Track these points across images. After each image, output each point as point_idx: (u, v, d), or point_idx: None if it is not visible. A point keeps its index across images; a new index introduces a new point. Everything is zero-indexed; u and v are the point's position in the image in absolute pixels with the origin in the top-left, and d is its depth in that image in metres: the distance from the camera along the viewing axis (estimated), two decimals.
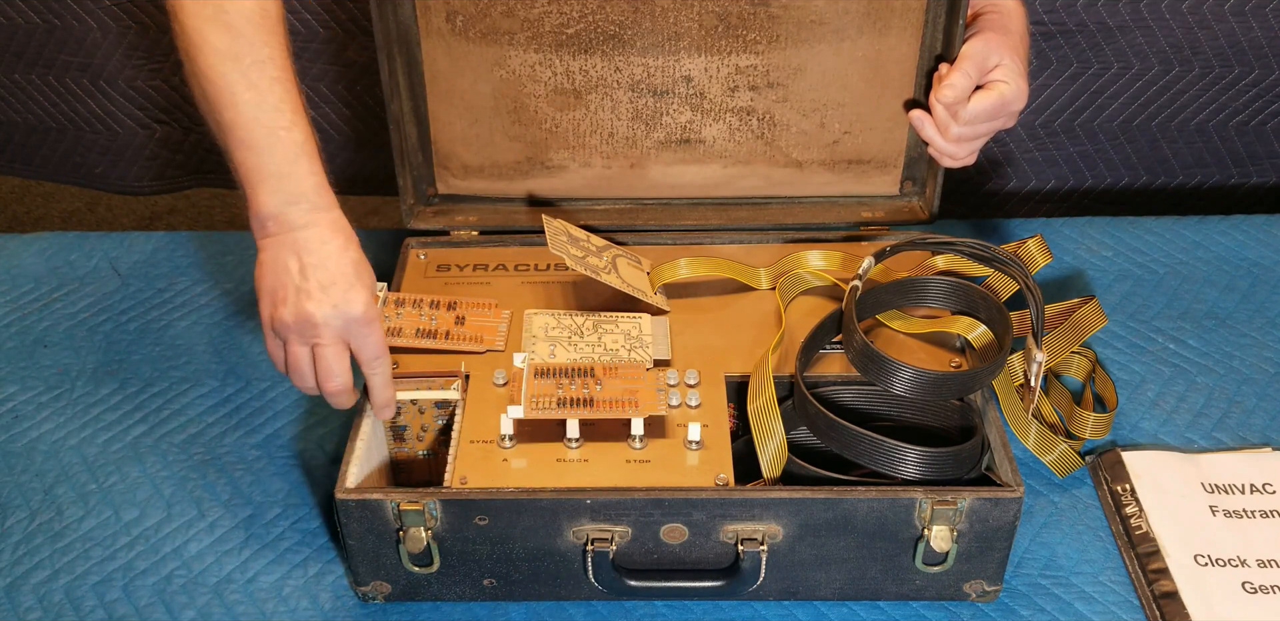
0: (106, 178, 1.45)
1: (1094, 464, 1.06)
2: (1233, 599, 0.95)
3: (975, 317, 1.04)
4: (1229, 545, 0.98)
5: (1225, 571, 0.97)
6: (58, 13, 1.32)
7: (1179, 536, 0.99)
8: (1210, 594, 0.95)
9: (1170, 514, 1.01)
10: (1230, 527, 1.00)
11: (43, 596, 0.98)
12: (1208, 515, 1.01)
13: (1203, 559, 0.98)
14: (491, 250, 1.18)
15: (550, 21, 1.09)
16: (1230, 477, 1.04)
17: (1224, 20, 1.28)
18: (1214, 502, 1.02)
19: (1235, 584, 0.96)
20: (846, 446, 0.93)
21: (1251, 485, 1.03)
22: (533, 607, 0.96)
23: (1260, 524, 1.00)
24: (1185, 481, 1.03)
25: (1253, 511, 1.01)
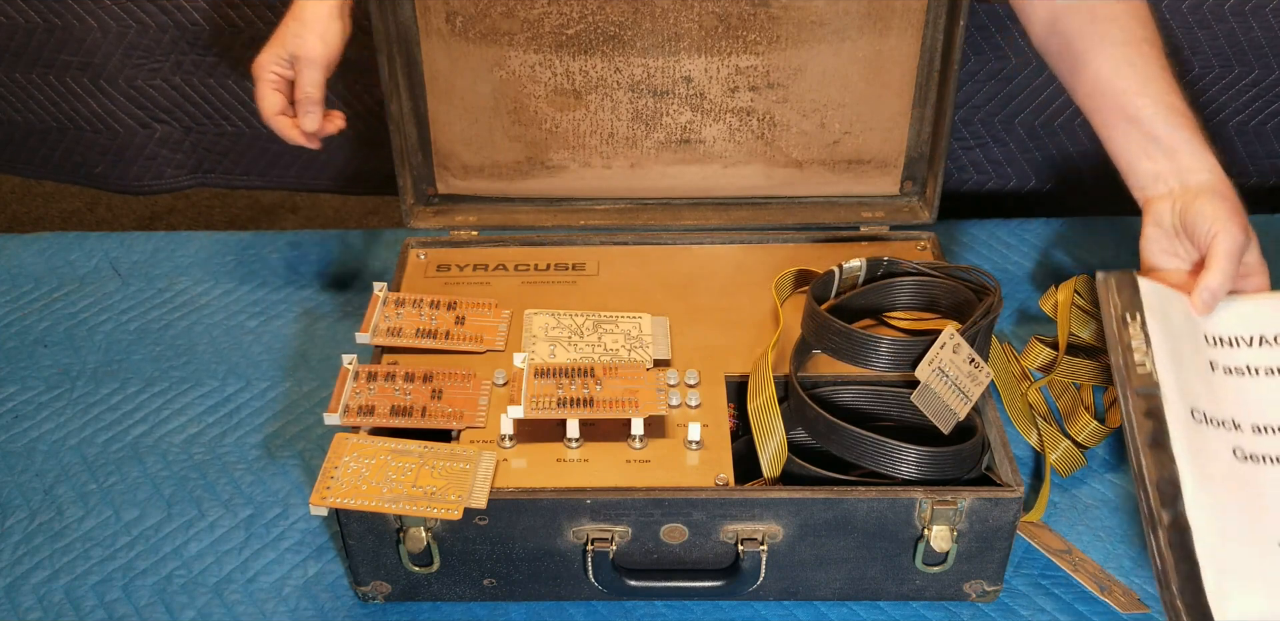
0: (106, 178, 1.45)
1: (1104, 281, 0.95)
2: (1221, 461, 0.88)
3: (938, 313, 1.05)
4: (1223, 405, 0.90)
5: (1219, 433, 0.89)
6: (58, 13, 1.32)
7: (1179, 385, 0.90)
8: (1199, 455, 0.87)
9: (1173, 359, 0.91)
10: (1228, 385, 0.91)
11: (43, 596, 0.98)
12: (1206, 369, 0.92)
13: (1198, 414, 0.89)
14: (491, 250, 1.18)
15: (550, 22, 1.09)
16: (1236, 329, 0.94)
17: (1224, 20, 1.28)
18: (1215, 357, 0.93)
19: (1226, 447, 0.89)
20: (846, 447, 0.93)
21: (1261, 337, 0.93)
22: (533, 607, 0.96)
23: (1264, 382, 0.91)
24: (1190, 327, 0.94)
25: (1256, 368, 0.92)
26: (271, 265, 1.32)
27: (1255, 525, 0.87)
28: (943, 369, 0.94)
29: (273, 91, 1.09)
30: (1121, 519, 1.02)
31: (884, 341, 0.98)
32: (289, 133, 1.09)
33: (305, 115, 1.09)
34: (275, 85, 1.09)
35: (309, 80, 1.08)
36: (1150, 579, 0.97)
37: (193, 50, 1.34)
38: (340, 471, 0.90)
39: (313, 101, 1.08)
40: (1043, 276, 1.28)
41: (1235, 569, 0.85)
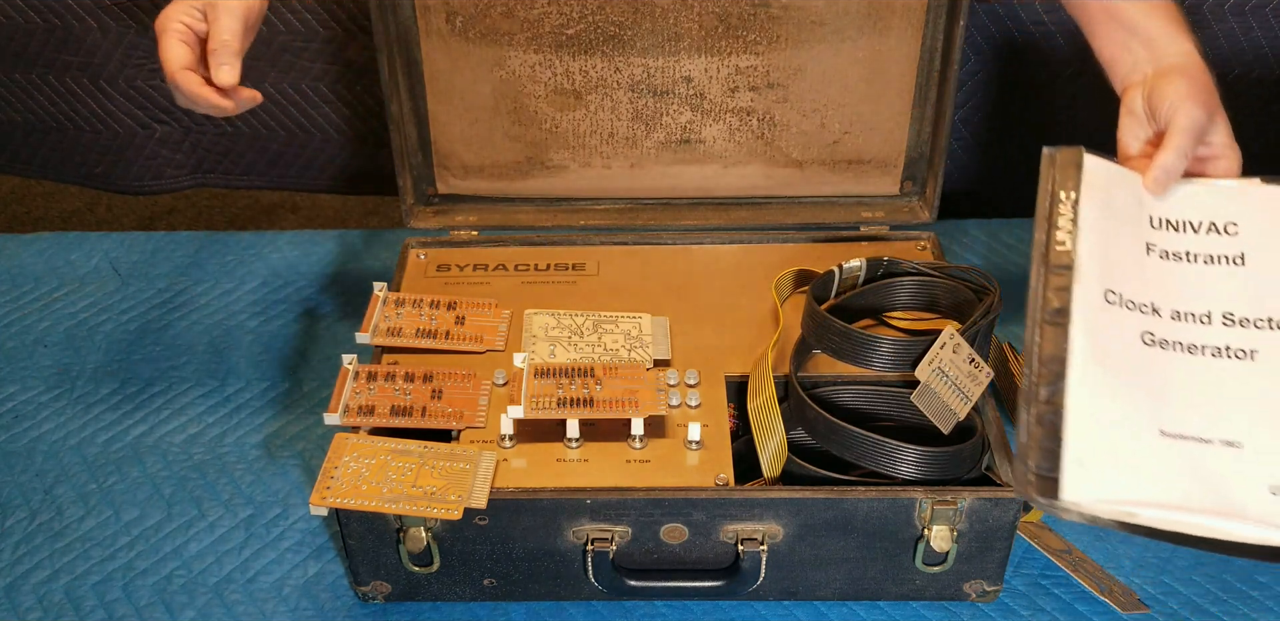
0: (106, 178, 1.45)
1: (1049, 156, 0.91)
2: (1125, 344, 0.86)
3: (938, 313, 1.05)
4: (1149, 289, 0.88)
5: (1131, 316, 0.86)
6: (58, 13, 1.32)
7: (1100, 266, 0.87)
8: (1100, 337, 0.85)
9: (1103, 239, 0.88)
10: (1161, 269, 0.88)
11: (43, 596, 0.98)
12: (1141, 252, 0.89)
13: (1113, 296, 0.87)
14: (491, 250, 1.18)
15: (550, 22, 1.09)
16: (1187, 213, 0.90)
17: (1224, 20, 1.28)
18: (1154, 240, 0.89)
19: (1136, 331, 0.86)
20: (846, 447, 0.93)
21: (1211, 224, 0.90)
22: (533, 607, 0.96)
23: (1199, 270, 0.88)
24: (1135, 208, 0.90)
25: (1196, 255, 0.89)
26: (271, 265, 1.32)
27: (1140, 411, 0.84)
28: (943, 369, 0.94)
29: (178, 43, 0.94)
30: None
31: (884, 341, 0.98)
32: (197, 90, 0.93)
33: (220, 67, 0.93)
34: (182, 36, 0.95)
35: (225, 27, 0.94)
36: (1151, 579, 0.97)
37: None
38: (340, 471, 0.90)
39: (230, 51, 0.94)
40: None
41: (1102, 451, 0.83)
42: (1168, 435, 0.83)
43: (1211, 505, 0.81)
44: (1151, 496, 0.81)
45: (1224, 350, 0.86)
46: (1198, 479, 0.82)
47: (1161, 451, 0.83)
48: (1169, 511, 0.80)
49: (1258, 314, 0.86)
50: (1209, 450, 0.83)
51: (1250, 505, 0.81)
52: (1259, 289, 0.87)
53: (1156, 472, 0.82)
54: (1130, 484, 0.81)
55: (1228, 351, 0.86)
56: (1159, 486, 0.81)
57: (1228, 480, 0.82)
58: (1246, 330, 0.86)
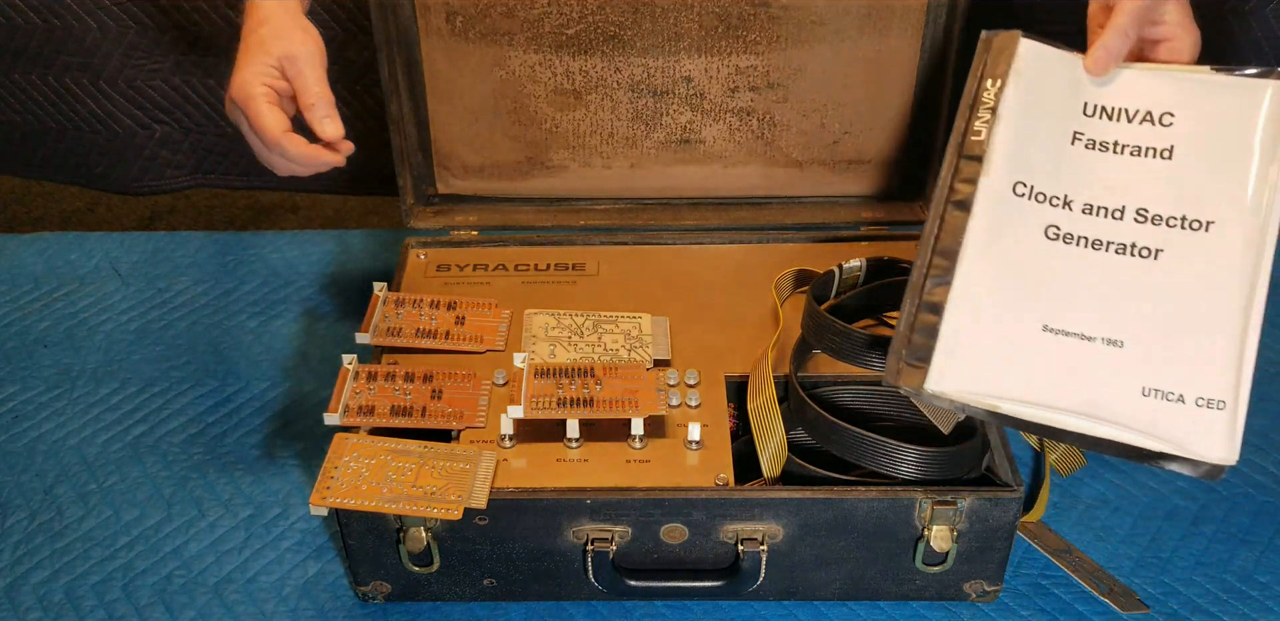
0: (106, 178, 1.45)
1: (984, 40, 0.88)
2: (1024, 238, 0.85)
3: None
4: (1064, 180, 0.86)
5: (1039, 209, 0.85)
6: (58, 13, 1.32)
7: (1014, 157, 0.85)
8: (1001, 230, 0.84)
9: (1024, 128, 0.86)
10: (1083, 160, 0.86)
11: (43, 596, 0.98)
12: (1065, 142, 0.86)
13: (1023, 188, 0.85)
14: (491, 250, 1.18)
15: (550, 22, 1.09)
16: (1125, 99, 0.86)
17: (1224, 20, 1.28)
18: (1084, 129, 0.86)
19: (1040, 225, 0.85)
20: (846, 447, 0.93)
21: (1147, 113, 0.86)
22: (533, 607, 0.96)
23: (1123, 162, 0.85)
24: (1069, 94, 0.87)
25: (1124, 146, 0.86)
26: (271, 265, 1.32)
27: (1024, 305, 0.84)
28: None
29: (271, 107, 0.90)
30: (1121, 519, 1.03)
31: (884, 341, 0.98)
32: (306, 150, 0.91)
33: (323, 121, 0.92)
34: (270, 99, 0.91)
35: (315, 79, 0.92)
36: (1151, 579, 0.97)
37: (193, 50, 1.34)
38: (340, 471, 0.90)
39: (328, 103, 0.92)
40: None
41: (975, 343, 0.84)
42: (1050, 330, 0.84)
43: (1079, 403, 0.82)
44: (1019, 390, 0.82)
45: (1129, 247, 0.84)
46: (1072, 375, 0.83)
47: (1039, 346, 0.83)
48: (1034, 406, 0.82)
49: (1172, 211, 0.84)
50: (1090, 348, 0.83)
51: (1119, 405, 0.82)
52: (1179, 186, 0.84)
53: (1029, 367, 0.83)
54: (999, 376, 0.83)
55: (1133, 249, 0.84)
56: (1028, 380, 0.83)
57: (1102, 379, 0.83)
58: (1158, 228, 0.84)
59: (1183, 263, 0.83)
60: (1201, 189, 0.84)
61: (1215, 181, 0.84)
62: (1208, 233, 0.83)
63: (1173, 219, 0.84)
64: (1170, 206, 0.84)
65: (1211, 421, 0.82)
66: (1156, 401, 0.82)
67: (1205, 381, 0.82)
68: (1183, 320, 0.83)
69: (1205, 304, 0.83)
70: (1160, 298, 0.83)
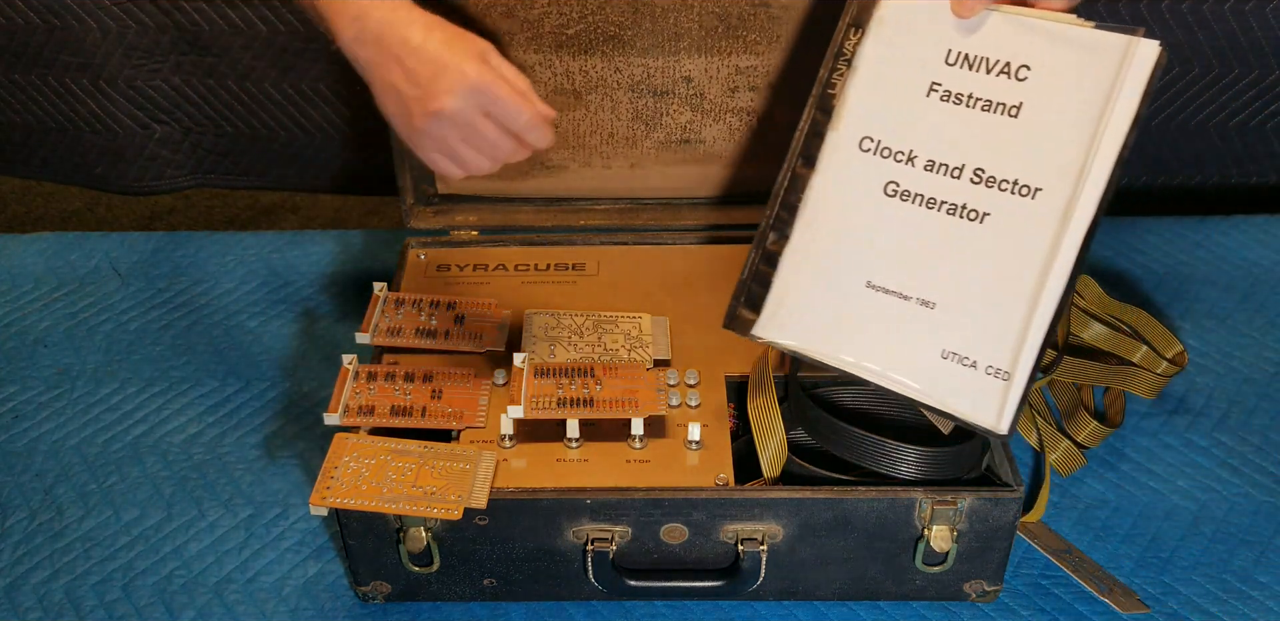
0: (106, 178, 1.45)
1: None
2: (864, 194, 0.86)
3: None
4: (913, 135, 0.85)
5: (882, 164, 0.86)
6: (58, 13, 1.32)
7: (868, 108, 0.86)
8: (843, 185, 0.86)
9: (880, 80, 0.86)
10: (934, 113, 0.85)
11: (43, 596, 0.98)
12: (920, 94, 0.85)
13: (869, 143, 0.86)
14: (491, 250, 1.18)
15: (550, 22, 1.09)
16: (990, 48, 0.84)
17: (1224, 20, 1.28)
18: (943, 79, 0.85)
19: (881, 181, 0.86)
20: (846, 447, 0.93)
21: (1005, 65, 0.83)
22: (533, 607, 0.96)
23: (972, 117, 0.84)
24: (934, 42, 0.85)
25: (976, 99, 0.84)
26: (271, 265, 1.32)
27: (853, 261, 0.87)
28: None
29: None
30: (1121, 519, 1.02)
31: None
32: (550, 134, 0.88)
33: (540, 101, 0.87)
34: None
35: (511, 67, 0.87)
36: (1151, 579, 0.97)
37: (193, 50, 1.34)
38: (340, 471, 0.90)
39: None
40: None
41: (803, 295, 0.88)
42: (873, 287, 0.87)
43: (886, 358, 0.87)
44: (835, 342, 0.88)
45: (959, 209, 0.85)
46: (884, 332, 0.87)
47: (862, 302, 0.87)
48: (847, 358, 0.88)
49: (1005, 174, 0.83)
50: (904, 306, 0.86)
51: (920, 365, 0.86)
52: (1018, 148, 0.83)
53: (848, 321, 0.87)
54: (820, 328, 0.88)
55: (963, 210, 0.85)
56: (845, 334, 0.87)
57: (910, 338, 0.86)
58: (990, 190, 0.84)
59: (1004, 229, 0.84)
60: (1038, 153, 0.83)
61: (1052, 146, 0.82)
62: (1034, 200, 0.83)
63: (1005, 182, 0.84)
64: (1006, 169, 0.83)
65: (994, 390, 0.84)
66: (953, 364, 0.85)
67: (997, 351, 0.84)
68: (991, 287, 0.84)
69: (1011, 272, 0.83)
70: (976, 263, 0.84)
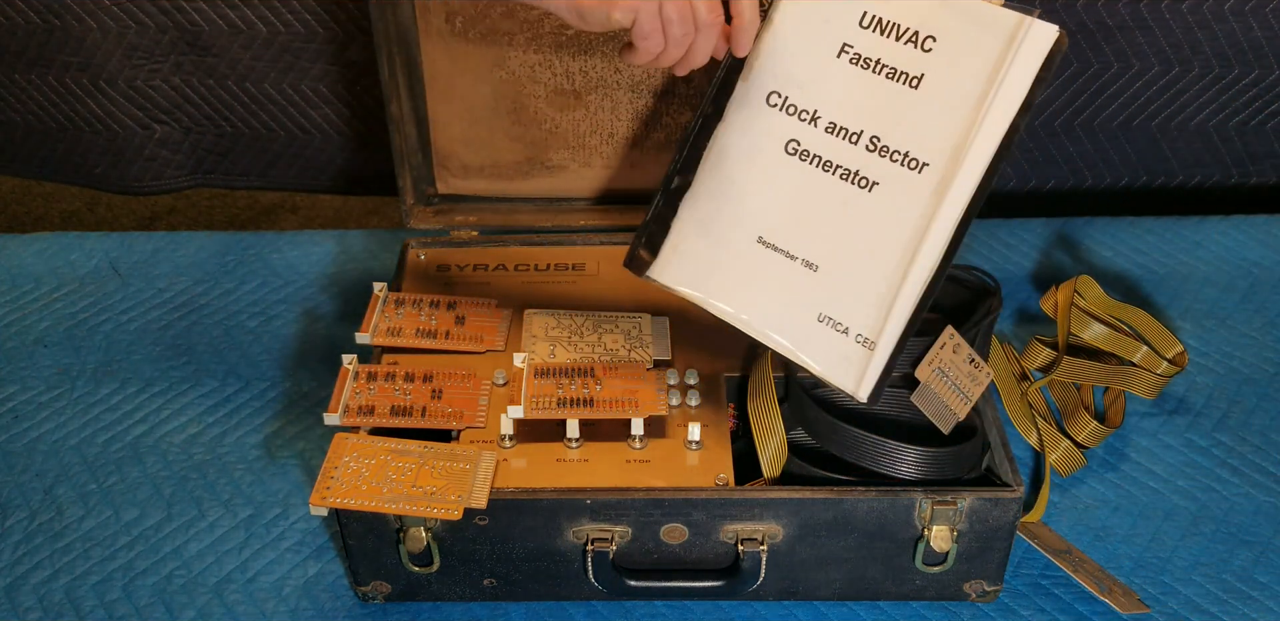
0: (106, 178, 1.45)
1: None
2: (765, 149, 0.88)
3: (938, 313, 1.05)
4: (819, 95, 0.87)
5: (787, 121, 0.87)
6: (58, 13, 1.32)
7: (779, 63, 0.87)
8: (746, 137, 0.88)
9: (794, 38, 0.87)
10: (842, 75, 0.86)
11: (43, 596, 0.98)
12: (831, 54, 0.86)
13: (777, 98, 0.87)
14: (491, 250, 1.18)
15: (550, 22, 1.09)
16: (903, 14, 0.84)
17: (1224, 20, 1.28)
18: (854, 42, 0.86)
19: (783, 137, 0.87)
20: (846, 447, 0.93)
21: (914, 34, 0.84)
22: (533, 607, 0.96)
23: (876, 84, 0.85)
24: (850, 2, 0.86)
25: (883, 66, 0.85)
26: (271, 265, 1.32)
27: (748, 215, 0.89)
28: (943, 369, 0.94)
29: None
30: (1121, 519, 1.02)
31: None
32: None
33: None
34: None
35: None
36: (1151, 579, 0.97)
37: (193, 50, 1.34)
38: (340, 471, 0.90)
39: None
40: (1043, 276, 1.28)
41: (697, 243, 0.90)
42: (763, 243, 0.89)
43: (766, 314, 0.90)
44: (721, 293, 0.91)
45: (852, 175, 0.86)
46: (768, 288, 0.89)
47: (750, 256, 0.89)
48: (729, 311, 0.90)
49: (898, 145, 0.85)
50: (790, 266, 0.89)
51: (796, 325, 0.89)
52: (913, 120, 0.84)
53: (736, 273, 0.90)
54: (708, 277, 0.91)
55: (855, 176, 0.86)
56: (732, 286, 0.90)
57: (791, 298, 0.89)
58: (883, 160, 0.85)
59: (889, 199, 0.85)
60: (930, 128, 0.84)
61: (943, 122, 0.83)
62: (920, 175, 0.84)
63: (897, 153, 0.85)
64: (901, 139, 0.85)
65: (858, 358, 0.87)
66: (826, 328, 0.88)
67: (868, 319, 0.87)
68: (869, 257, 0.86)
69: (888, 245, 0.86)
70: (860, 231, 0.86)
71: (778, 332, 0.89)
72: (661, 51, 0.85)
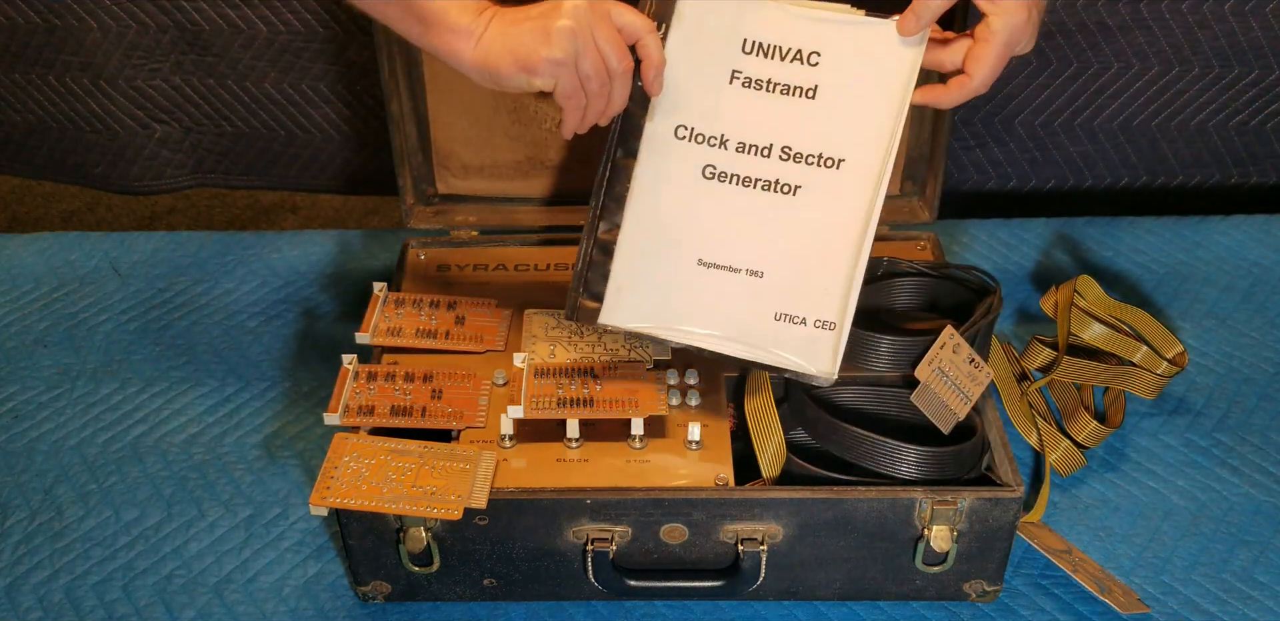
0: (106, 178, 1.45)
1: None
2: (684, 179, 0.92)
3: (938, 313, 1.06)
4: (722, 120, 0.91)
5: (698, 150, 0.92)
6: (58, 13, 1.32)
7: (678, 98, 0.91)
8: (664, 171, 0.92)
9: (687, 71, 0.90)
10: (739, 99, 0.91)
11: (43, 596, 0.98)
12: (724, 81, 0.91)
13: (684, 131, 0.92)
14: (491, 250, 1.18)
15: None
16: (781, 37, 0.90)
17: (1224, 20, 1.28)
18: (742, 67, 0.91)
19: (699, 165, 0.92)
20: (846, 447, 0.93)
21: (798, 52, 0.90)
22: (533, 607, 0.96)
23: (773, 101, 0.91)
24: (731, 31, 0.91)
25: (776, 84, 0.91)
26: (271, 265, 1.32)
27: (684, 241, 0.93)
28: (943, 369, 0.94)
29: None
30: (1121, 519, 1.02)
31: (884, 341, 0.98)
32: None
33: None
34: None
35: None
36: (1150, 579, 0.97)
37: (193, 50, 1.34)
38: (340, 471, 0.90)
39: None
40: (1043, 276, 1.28)
41: (640, 279, 0.93)
42: (704, 264, 0.93)
43: (725, 328, 0.93)
44: (677, 319, 0.93)
45: (774, 184, 0.92)
46: (720, 303, 0.93)
47: (695, 279, 0.93)
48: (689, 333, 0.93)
49: (811, 149, 0.91)
50: (735, 278, 0.93)
51: (756, 328, 0.93)
52: (819, 125, 0.91)
53: (685, 298, 0.93)
54: (660, 309, 0.94)
55: (777, 185, 0.92)
56: (685, 310, 0.93)
57: (744, 306, 0.93)
58: (799, 165, 0.91)
59: (816, 198, 0.92)
60: (837, 128, 0.91)
61: (848, 120, 0.90)
62: (838, 170, 0.91)
63: (811, 156, 0.91)
64: (810, 144, 0.91)
65: (824, 341, 0.92)
66: (784, 324, 0.93)
67: (823, 306, 0.92)
68: (811, 251, 0.92)
69: (830, 236, 0.92)
70: (796, 231, 0.92)
71: (741, 342, 0.93)
72: (586, 106, 0.89)
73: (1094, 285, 1.14)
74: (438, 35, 0.89)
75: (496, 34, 0.88)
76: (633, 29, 0.88)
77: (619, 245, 0.93)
